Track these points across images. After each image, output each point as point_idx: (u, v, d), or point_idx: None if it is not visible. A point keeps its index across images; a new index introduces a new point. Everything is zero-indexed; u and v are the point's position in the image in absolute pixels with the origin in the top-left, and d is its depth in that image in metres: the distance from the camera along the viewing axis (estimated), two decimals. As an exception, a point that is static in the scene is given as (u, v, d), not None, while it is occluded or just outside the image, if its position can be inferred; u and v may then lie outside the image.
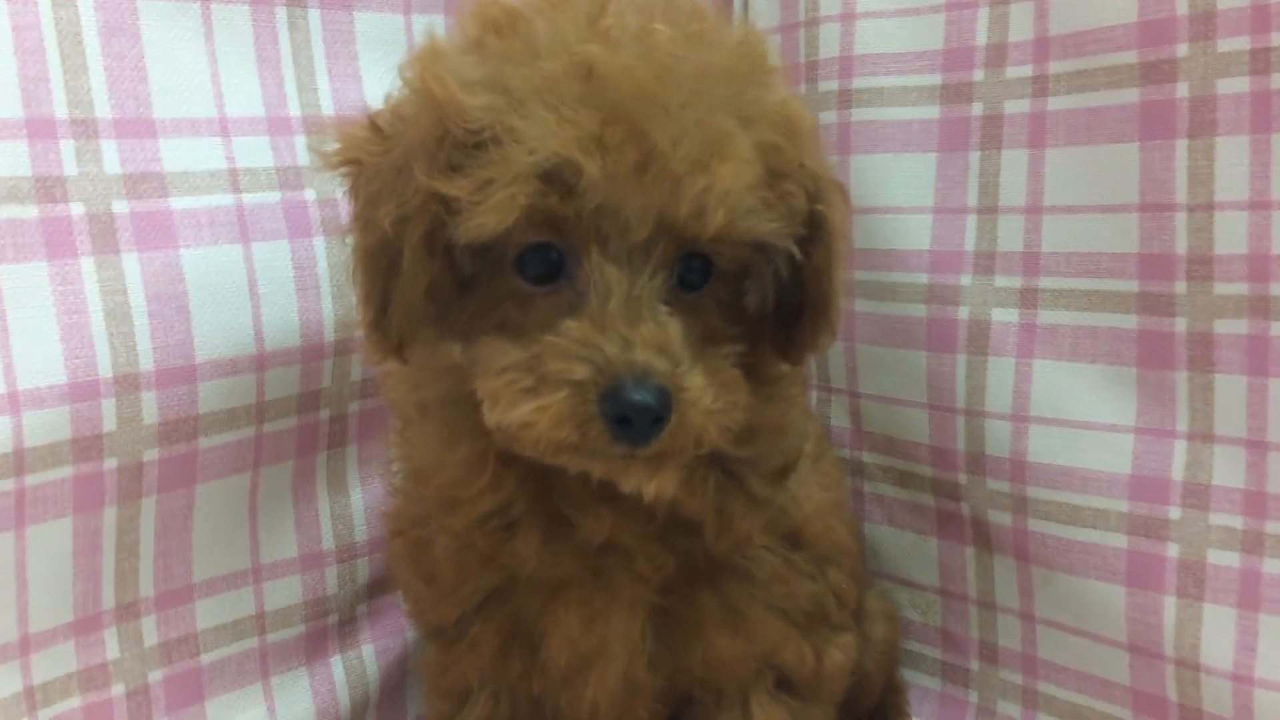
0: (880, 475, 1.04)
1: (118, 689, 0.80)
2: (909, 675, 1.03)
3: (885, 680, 0.95)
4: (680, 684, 0.72)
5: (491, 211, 0.55)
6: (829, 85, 1.00)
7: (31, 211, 0.72)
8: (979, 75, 0.92)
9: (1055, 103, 0.87)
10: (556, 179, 0.54)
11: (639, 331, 0.56)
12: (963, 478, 0.96)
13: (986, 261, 0.92)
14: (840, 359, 1.04)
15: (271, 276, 0.82)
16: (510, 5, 0.59)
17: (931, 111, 0.95)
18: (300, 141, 0.84)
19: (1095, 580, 0.87)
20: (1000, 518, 0.93)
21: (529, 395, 0.56)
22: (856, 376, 1.03)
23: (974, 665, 0.99)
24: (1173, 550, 0.83)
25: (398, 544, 0.73)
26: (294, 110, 0.84)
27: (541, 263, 0.58)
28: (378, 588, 0.94)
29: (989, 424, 0.93)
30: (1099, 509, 0.87)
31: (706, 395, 0.57)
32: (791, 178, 0.60)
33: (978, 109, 0.92)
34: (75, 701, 0.78)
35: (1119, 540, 0.86)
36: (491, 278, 0.60)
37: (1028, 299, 0.90)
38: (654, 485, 0.59)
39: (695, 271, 0.60)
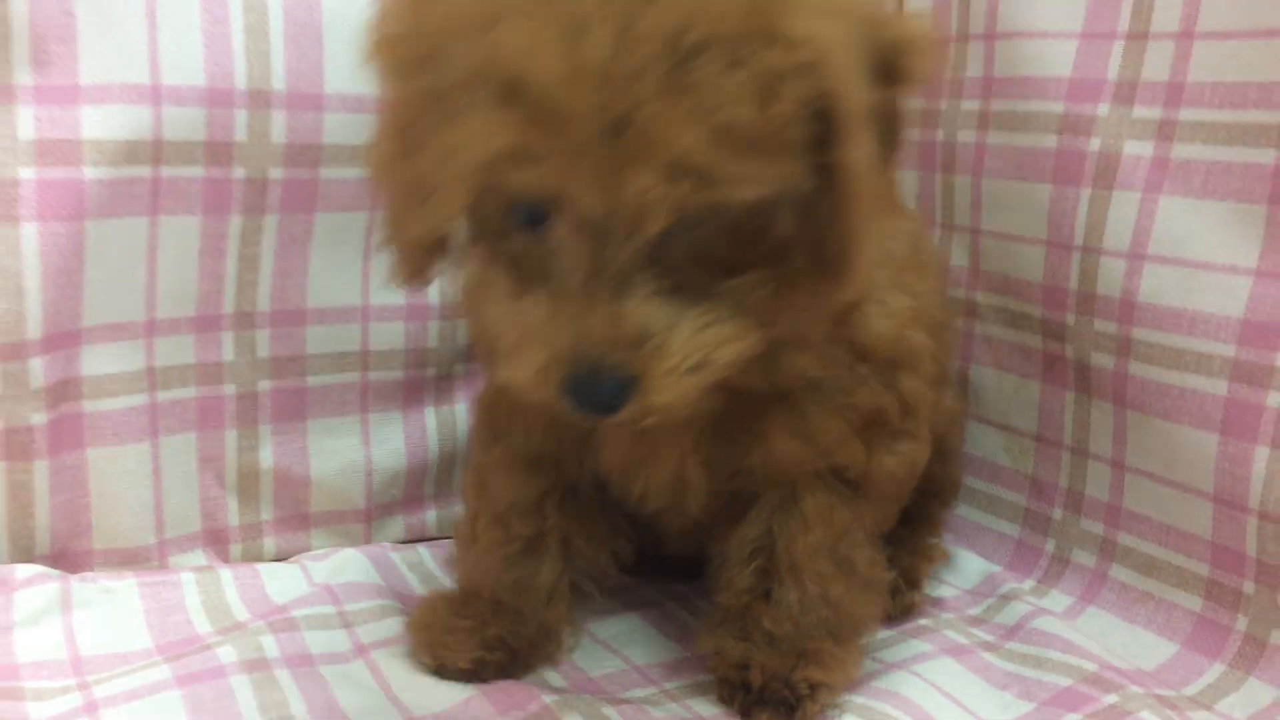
0: (992, 317, 1.02)
1: (229, 388, 0.88)
2: (990, 522, 1.02)
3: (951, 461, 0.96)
4: (737, 482, 0.74)
5: (434, 206, 0.54)
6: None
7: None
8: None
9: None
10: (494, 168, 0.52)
11: (596, 317, 0.54)
12: (1071, 318, 0.93)
13: (1128, 91, 0.88)
14: (966, 194, 1.02)
15: None
16: None
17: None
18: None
19: (1189, 427, 0.84)
20: (1103, 360, 0.90)
21: (512, 354, 0.57)
22: (980, 213, 1.01)
23: (1056, 513, 0.97)
24: (1274, 400, 0.79)
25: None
26: None
27: (524, 213, 0.56)
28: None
29: (1104, 261, 0.89)
30: (1204, 353, 0.83)
31: (688, 361, 0.56)
32: (792, 120, 0.52)
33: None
34: (192, 391, 0.87)
35: (1219, 387, 0.82)
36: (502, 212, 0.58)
37: (1165, 131, 0.86)
38: (651, 421, 0.58)
39: (696, 216, 0.54)
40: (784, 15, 0.51)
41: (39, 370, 0.79)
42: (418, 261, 0.61)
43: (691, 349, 0.56)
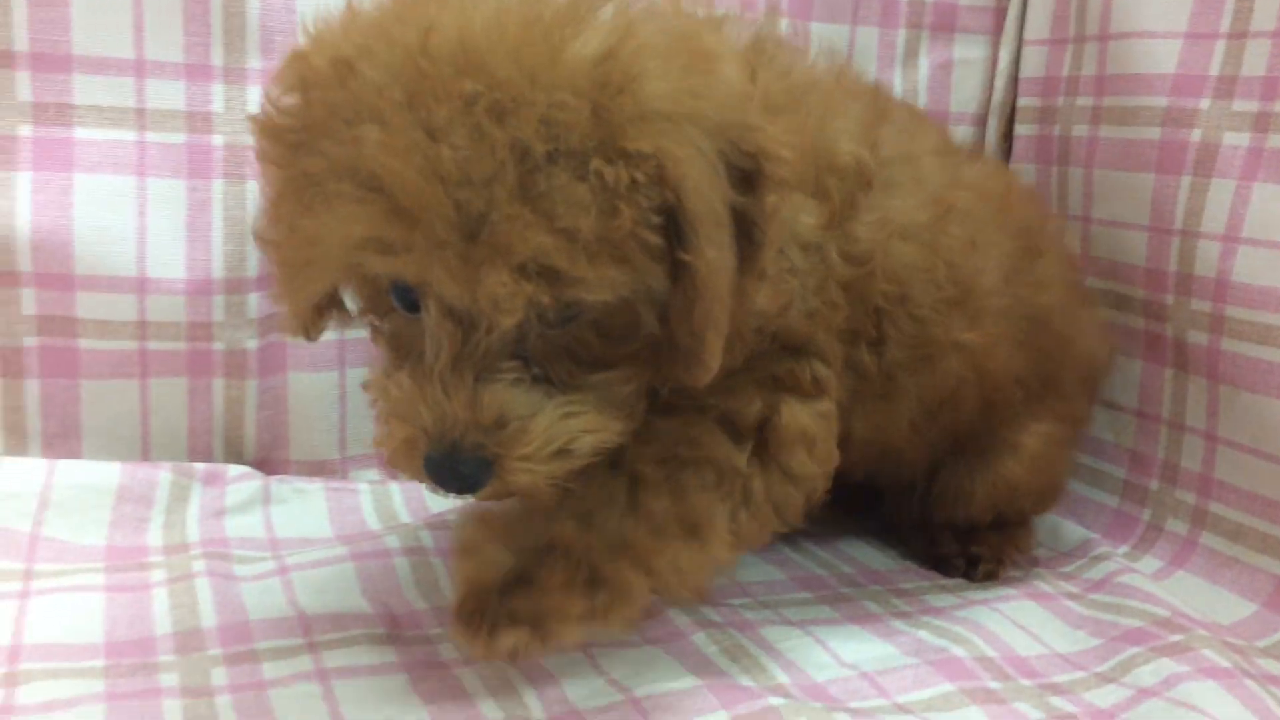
0: (1099, 299, 1.08)
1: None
2: (1090, 493, 1.08)
3: (1035, 499, 0.97)
4: None
5: (300, 285, 0.60)
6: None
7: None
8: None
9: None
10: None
11: (457, 399, 0.57)
12: (1170, 299, 0.99)
13: (1228, 86, 0.94)
14: (1079, 185, 1.09)
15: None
16: (335, 53, 0.56)
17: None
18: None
19: (1275, 399, 0.89)
20: (1198, 338, 0.96)
21: (383, 424, 0.61)
22: (1091, 203, 1.08)
23: (1153, 485, 1.02)
24: (1355, 371, 0.84)
25: None
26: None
27: (403, 294, 0.60)
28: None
29: (1201, 244, 0.95)
30: (1291, 329, 0.88)
31: (550, 444, 0.58)
32: (641, 228, 0.55)
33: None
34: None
35: (1304, 360, 0.87)
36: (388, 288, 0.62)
37: (1261, 123, 0.91)
38: (515, 494, 0.62)
39: (556, 312, 0.58)
40: (628, 131, 0.54)
41: (255, 303, 0.96)
42: (305, 321, 0.66)
43: (551, 436, 0.59)
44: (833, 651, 0.79)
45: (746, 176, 0.59)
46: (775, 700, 0.69)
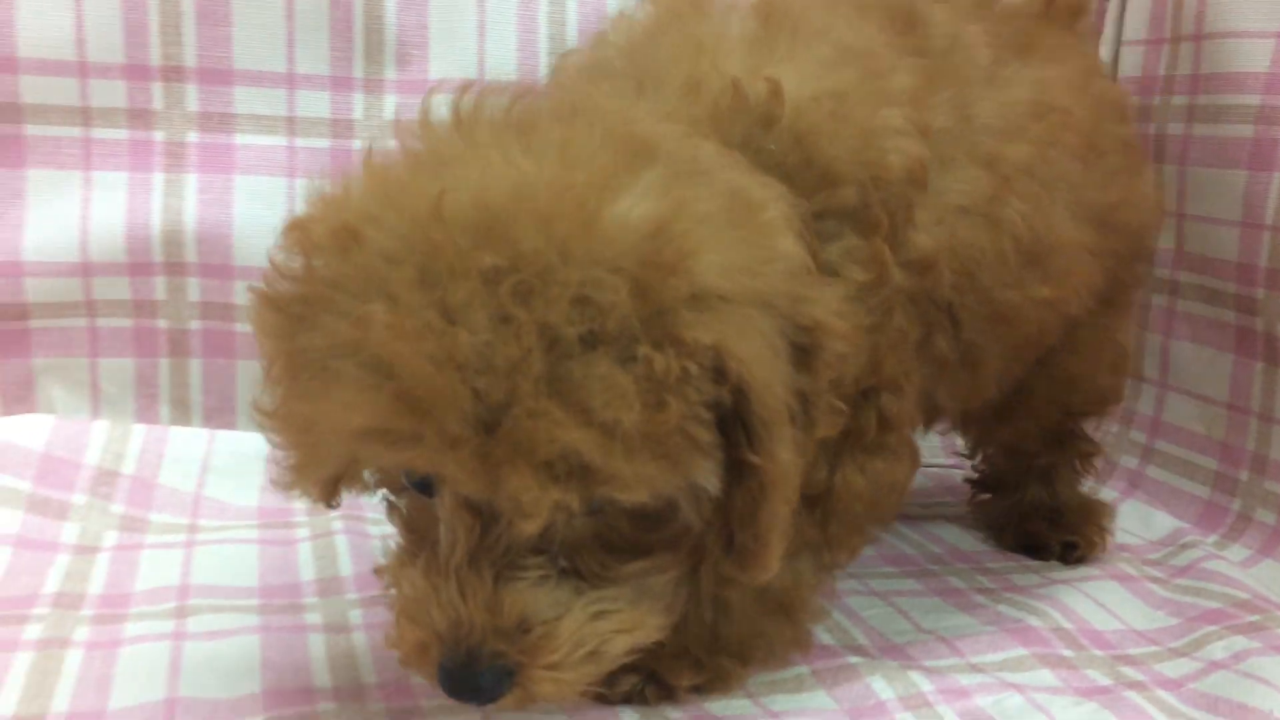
0: (1192, 294, 1.10)
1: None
2: (1182, 484, 1.10)
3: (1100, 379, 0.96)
4: None
5: (301, 470, 0.53)
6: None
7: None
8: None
9: None
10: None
11: (473, 601, 0.51)
12: (1261, 293, 1.01)
13: (1320, 84, 0.96)
14: (1173, 183, 1.11)
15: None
16: (343, 220, 0.50)
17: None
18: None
19: (1361, 391, 0.91)
20: (1288, 331, 0.98)
21: (398, 618, 0.55)
22: (1185, 200, 1.10)
23: (1243, 475, 1.04)
24: None
25: None
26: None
27: (416, 481, 0.54)
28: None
29: (1291, 238, 0.97)
30: (1377, 321, 0.90)
31: (578, 649, 0.53)
32: (691, 422, 0.49)
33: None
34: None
35: (1390, 352, 0.89)
36: None
37: (1353, 119, 0.93)
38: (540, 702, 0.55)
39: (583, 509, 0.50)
40: (682, 315, 0.48)
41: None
42: (317, 495, 0.58)
43: (580, 640, 0.53)
44: (913, 620, 0.84)
45: (803, 352, 0.54)
46: (853, 659, 0.75)
